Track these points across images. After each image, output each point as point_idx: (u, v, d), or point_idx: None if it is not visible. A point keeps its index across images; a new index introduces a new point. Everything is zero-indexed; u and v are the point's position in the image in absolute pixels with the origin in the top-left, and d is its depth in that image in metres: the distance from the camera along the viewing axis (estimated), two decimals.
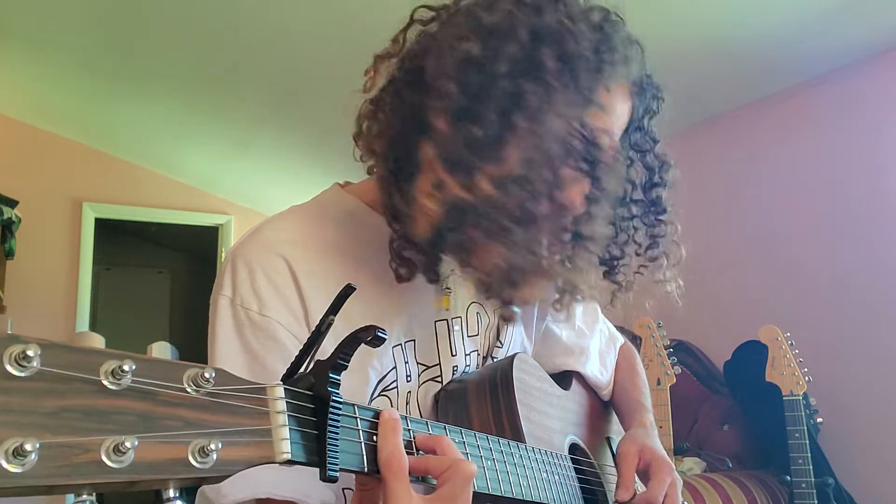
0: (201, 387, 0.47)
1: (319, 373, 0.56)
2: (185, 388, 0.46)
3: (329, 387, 0.55)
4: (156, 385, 0.45)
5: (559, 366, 1.12)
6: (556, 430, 0.97)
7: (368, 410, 0.61)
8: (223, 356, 0.80)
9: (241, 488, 0.73)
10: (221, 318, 0.81)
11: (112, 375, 0.42)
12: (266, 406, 0.51)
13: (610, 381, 1.18)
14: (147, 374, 0.44)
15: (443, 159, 0.75)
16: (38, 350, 0.39)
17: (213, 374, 0.47)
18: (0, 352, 0.39)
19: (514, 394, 0.87)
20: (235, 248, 0.85)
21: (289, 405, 0.52)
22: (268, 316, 0.80)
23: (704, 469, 2.60)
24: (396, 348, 0.89)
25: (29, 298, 4.44)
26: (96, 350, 0.43)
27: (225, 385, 0.49)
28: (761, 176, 3.00)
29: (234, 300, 0.81)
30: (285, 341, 0.80)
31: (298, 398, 0.54)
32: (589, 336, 1.16)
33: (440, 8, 0.82)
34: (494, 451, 0.75)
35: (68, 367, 0.41)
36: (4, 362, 0.39)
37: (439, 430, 0.68)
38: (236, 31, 3.03)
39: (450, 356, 0.93)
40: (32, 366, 0.39)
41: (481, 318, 0.98)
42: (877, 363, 2.55)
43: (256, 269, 0.81)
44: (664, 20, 2.50)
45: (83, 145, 4.73)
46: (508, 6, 0.76)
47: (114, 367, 0.42)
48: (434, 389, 0.91)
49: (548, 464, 0.85)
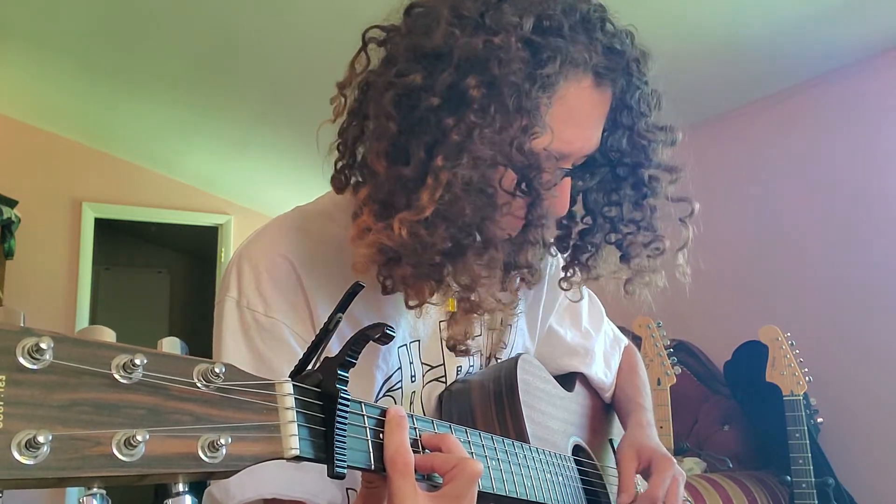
0: (211, 382, 0.47)
1: (327, 370, 0.56)
2: (195, 383, 0.46)
3: (337, 384, 0.56)
4: (166, 380, 0.45)
5: (563, 367, 1.12)
6: (559, 431, 0.97)
7: (375, 408, 0.62)
8: (229, 357, 0.80)
9: (249, 488, 0.73)
10: (227, 320, 0.81)
11: (123, 369, 0.43)
12: (275, 402, 0.51)
13: (613, 383, 1.18)
14: (158, 369, 0.45)
15: (371, 202, 0.75)
16: (50, 343, 0.39)
17: (224, 370, 0.48)
18: (13, 344, 0.39)
19: (518, 395, 0.87)
20: (240, 250, 0.85)
21: (297, 401, 0.53)
22: (273, 317, 0.81)
23: (704, 469, 2.60)
24: (402, 349, 0.89)
25: (28, 298, 4.44)
26: (108, 344, 0.43)
27: (234, 380, 0.49)
28: (761, 176, 3.00)
29: (241, 302, 0.81)
30: (291, 342, 0.80)
31: (307, 394, 0.54)
32: (594, 337, 1.15)
33: (390, 29, 0.80)
34: (499, 450, 0.75)
35: (80, 360, 0.41)
36: (17, 355, 0.39)
37: (445, 428, 0.68)
38: (236, 30, 3.03)
39: (454, 356, 0.92)
40: (45, 359, 0.39)
41: (484, 316, 0.98)
42: (877, 363, 2.55)
43: (262, 271, 0.82)
44: (664, 20, 2.50)
45: (83, 145, 4.73)
46: (446, 25, 0.73)
47: (125, 362, 0.43)
48: (438, 390, 0.92)
49: (551, 464, 0.86)
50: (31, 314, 2.73)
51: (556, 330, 1.10)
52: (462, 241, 0.73)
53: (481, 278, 0.76)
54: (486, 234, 0.74)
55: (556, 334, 1.11)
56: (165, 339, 0.50)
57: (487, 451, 0.73)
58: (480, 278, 0.76)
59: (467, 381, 0.93)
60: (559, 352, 1.11)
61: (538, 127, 0.73)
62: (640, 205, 0.89)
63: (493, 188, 0.74)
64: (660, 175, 0.90)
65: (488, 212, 0.74)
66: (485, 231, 0.74)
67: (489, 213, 0.74)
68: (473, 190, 0.72)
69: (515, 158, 0.72)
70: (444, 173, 0.70)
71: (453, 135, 0.71)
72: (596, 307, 1.19)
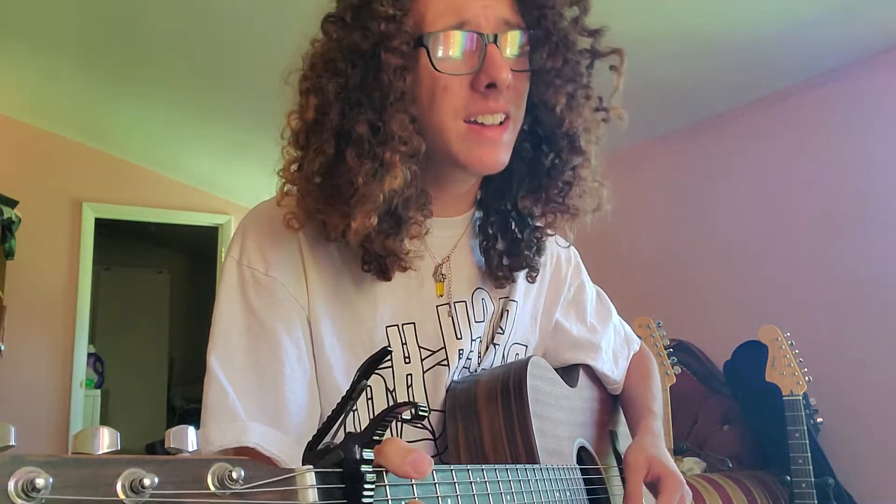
0: (227, 488, 0.43)
1: (349, 449, 0.53)
2: (210, 491, 0.43)
3: (362, 466, 0.52)
4: (179, 495, 0.41)
5: (567, 360, 1.12)
6: (565, 436, 0.96)
7: (399, 487, 0.59)
8: (224, 314, 0.84)
9: (230, 436, 0.77)
10: (226, 278, 0.86)
11: (132, 490, 0.38)
12: (296, 498, 0.48)
13: (621, 379, 1.17)
14: (169, 482, 0.40)
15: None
16: (48, 479, 0.35)
17: (243, 474, 0.44)
18: (4, 480, 0.34)
19: (528, 408, 0.86)
20: (247, 215, 0.90)
21: (320, 492, 0.49)
22: (273, 276, 0.85)
23: (704, 469, 2.60)
24: (391, 328, 0.90)
25: (29, 298, 4.45)
26: (112, 459, 0.39)
27: (253, 480, 0.45)
28: (762, 175, 3.00)
29: (241, 261, 0.86)
30: (286, 303, 0.84)
31: (329, 480, 0.51)
32: (600, 332, 1.15)
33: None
34: (513, 481, 0.75)
35: (81, 486, 0.37)
36: (11, 495, 0.34)
37: (462, 473, 0.67)
38: (236, 30, 3.03)
39: (454, 339, 0.93)
40: (41, 496, 0.35)
41: (487, 304, 0.98)
42: (876, 363, 2.55)
43: (266, 234, 0.86)
44: (664, 20, 2.50)
45: (83, 145, 4.73)
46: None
47: (132, 481, 0.39)
48: (442, 373, 0.92)
49: (560, 481, 0.86)
50: (32, 314, 2.75)
51: (561, 323, 1.10)
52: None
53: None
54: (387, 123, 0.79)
55: (561, 328, 1.10)
56: (173, 429, 0.46)
57: (503, 487, 0.73)
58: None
59: (474, 383, 0.92)
60: (564, 345, 1.11)
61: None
62: (574, 97, 0.87)
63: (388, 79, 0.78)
64: (582, 59, 0.88)
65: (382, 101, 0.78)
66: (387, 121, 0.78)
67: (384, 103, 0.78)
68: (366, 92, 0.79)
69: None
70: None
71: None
72: (605, 305, 1.19)
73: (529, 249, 0.98)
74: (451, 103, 0.81)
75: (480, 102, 0.81)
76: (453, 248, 0.96)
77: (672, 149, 3.36)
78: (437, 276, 0.94)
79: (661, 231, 3.35)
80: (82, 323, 4.70)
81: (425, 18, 0.80)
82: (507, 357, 1.01)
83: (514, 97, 0.84)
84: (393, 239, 0.83)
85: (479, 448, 0.87)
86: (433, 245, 0.94)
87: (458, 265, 0.96)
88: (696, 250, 3.18)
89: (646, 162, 3.42)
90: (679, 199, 3.30)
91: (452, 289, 0.95)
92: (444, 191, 0.92)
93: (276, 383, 0.82)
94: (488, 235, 0.97)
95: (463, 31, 0.80)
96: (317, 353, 0.86)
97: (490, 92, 0.81)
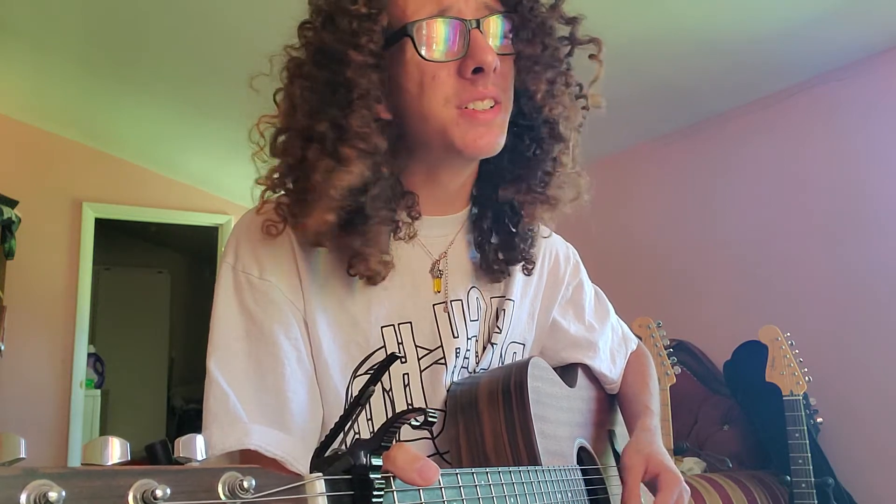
0: (238, 497, 0.43)
1: (358, 455, 0.53)
2: (222, 501, 0.42)
3: (371, 473, 0.53)
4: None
5: (565, 359, 1.12)
6: (565, 437, 0.96)
7: (407, 493, 0.59)
8: (222, 318, 0.85)
9: (231, 439, 0.77)
10: (223, 283, 0.86)
11: (143, 501, 0.38)
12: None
13: (618, 378, 1.18)
14: (180, 492, 0.40)
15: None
16: (60, 492, 0.35)
17: (254, 483, 0.44)
18: (16, 494, 0.33)
19: (529, 410, 0.86)
20: (239, 221, 0.91)
21: (330, 500, 0.50)
22: (268, 280, 0.85)
23: (704, 469, 2.60)
24: (387, 328, 0.90)
25: (29, 298, 4.45)
26: (123, 471, 0.39)
27: (264, 489, 0.45)
28: (761, 175, 3.00)
29: (236, 266, 0.87)
30: (282, 305, 0.85)
31: (338, 487, 0.51)
32: (598, 331, 1.15)
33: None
34: (516, 483, 0.76)
35: (94, 498, 0.36)
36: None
37: (468, 476, 0.67)
38: (236, 30, 3.03)
39: (451, 338, 0.93)
40: None
41: (480, 302, 0.98)
42: (876, 363, 2.55)
43: (259, 239, 0.87)
44: (664, 20, 2.50)
45: (83, 145, 4.73)
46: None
47: (144, 492, 0.38)
48: (440, 372, 0.92)
49: (561, 482, 0.86)
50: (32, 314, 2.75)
51: (559, 322, 1.10)
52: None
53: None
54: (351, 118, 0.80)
55: (559, 327, 1.10)
56: (182, 438, 0.46)
57: (506, 490, 0.74)
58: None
59: (475, 384, 0.92)
60: (562, 344, 1.11)
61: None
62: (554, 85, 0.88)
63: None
64: (563, 48, 0.89)
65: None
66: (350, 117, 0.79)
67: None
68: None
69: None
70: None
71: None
72: (603, 304, 1.19)
73: (524, 242, 0.98)
74: (441, 92, 0.81)
75: (470, 89, 0.82)
76: (450, 244, 0.96)
77: (672, 149, 3.36)
78: (435, 273, 0.94)
79: (661, 231, 3.35)
80: (82, 323, 4.70)
81: (406, 10, 0.81)
82: (505, 356, 1.01)
83: (500, 81, 0.84)
84: (355, 238, 0.83)
85: (481, 450, 0.87)
86: (429, 243, 0.94)
87: (455, 262, 0.96)
88: (696, 250, 3.18)
89: (646, 162, 3.42)
90: (679, 199, 3.30)
91: (449, 286, 0.95)
92: (438, 187, 0.92)
93: (277, 384, 0.82)
94: (483, 231, 0.98)
95: (445, 19, 0.81)
96: (315, 354, 0.87)
97: (478, 77, 0.81)
